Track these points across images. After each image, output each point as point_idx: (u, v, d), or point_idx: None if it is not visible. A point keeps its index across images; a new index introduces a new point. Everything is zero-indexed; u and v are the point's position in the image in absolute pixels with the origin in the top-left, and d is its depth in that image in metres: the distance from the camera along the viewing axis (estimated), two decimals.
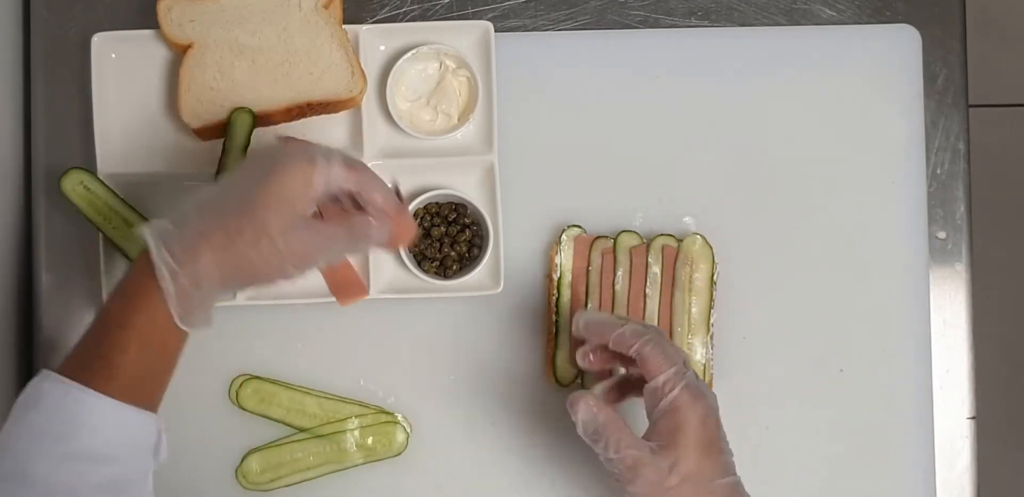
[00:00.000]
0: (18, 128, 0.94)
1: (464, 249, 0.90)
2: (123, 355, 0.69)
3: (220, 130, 0.88)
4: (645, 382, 0.77)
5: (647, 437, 0.76)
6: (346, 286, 0.89)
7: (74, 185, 0.87)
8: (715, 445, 0.76)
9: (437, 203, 0.91)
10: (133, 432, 0.70)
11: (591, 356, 0.81)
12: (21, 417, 0.68)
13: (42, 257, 0.92)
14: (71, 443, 0.67)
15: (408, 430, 0.91)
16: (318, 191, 0.70)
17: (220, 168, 0.88)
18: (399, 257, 0.90)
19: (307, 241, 0.70)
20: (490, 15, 0.94)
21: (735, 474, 0.77)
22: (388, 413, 0.91)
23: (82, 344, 0.71)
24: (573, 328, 0.81)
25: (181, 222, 0.70)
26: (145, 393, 0.71)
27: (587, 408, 0.77)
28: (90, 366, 0.69)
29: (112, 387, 0.69)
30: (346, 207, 0.74)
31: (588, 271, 0.91)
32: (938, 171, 0.95)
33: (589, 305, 0.89)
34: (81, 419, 0.68)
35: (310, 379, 0.91)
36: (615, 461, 0.75)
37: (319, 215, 0.73)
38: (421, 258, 0.91)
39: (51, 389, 0.69)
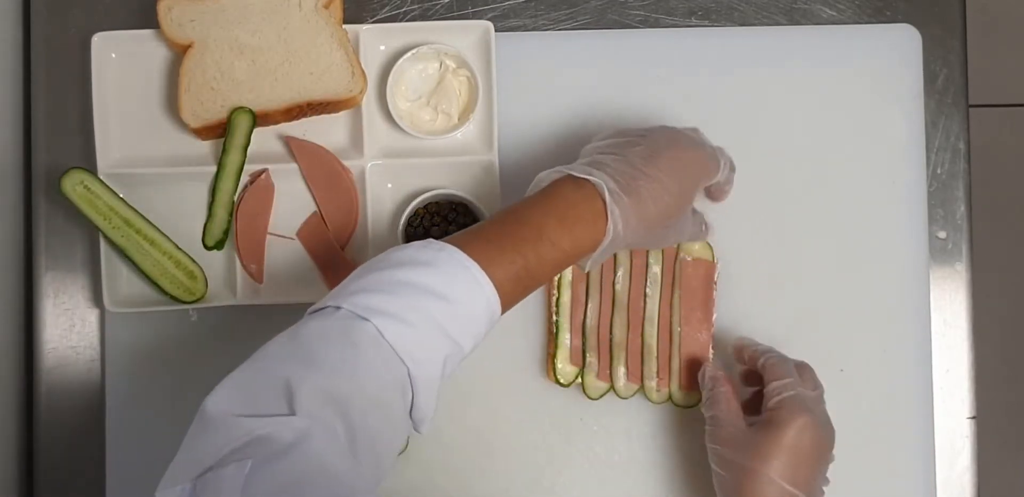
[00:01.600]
0: (18, 128, 0.94)
1: None
2: (530, 262, 0.73)
3: (220, 130, 0.88)
4: None
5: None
6: None
7: (74, 185, 0.87)
8: (802, 457, 0.79)
9: (437, 203, 0.91)
10: (486, 312, 0.72)
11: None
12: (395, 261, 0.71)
13: (42, 257, 0.92)
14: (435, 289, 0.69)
15: None
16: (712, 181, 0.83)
17: (219, 169, 0.88)
18: None
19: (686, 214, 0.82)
20: (490, 15, 0.94)
21: (808, 495, 0.79)
22: None
23: (495, 234, 0.74)
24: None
25: (619, 175, 0.76)
26: (508, 299, 0.73)
27: (715, 369, 0.87)
28: (496, 258, 0.72)
29: (499, 278, 0.71)
30: None
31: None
32: (938, 171, 0.95)
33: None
34: (458, 280, 0.70)
35: None
36: (712, 416, 0.83)
37: None
38: None
39: (449, 252, 0.71)
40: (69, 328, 0.92)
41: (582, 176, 0.76)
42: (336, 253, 0.90)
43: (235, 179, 0.88)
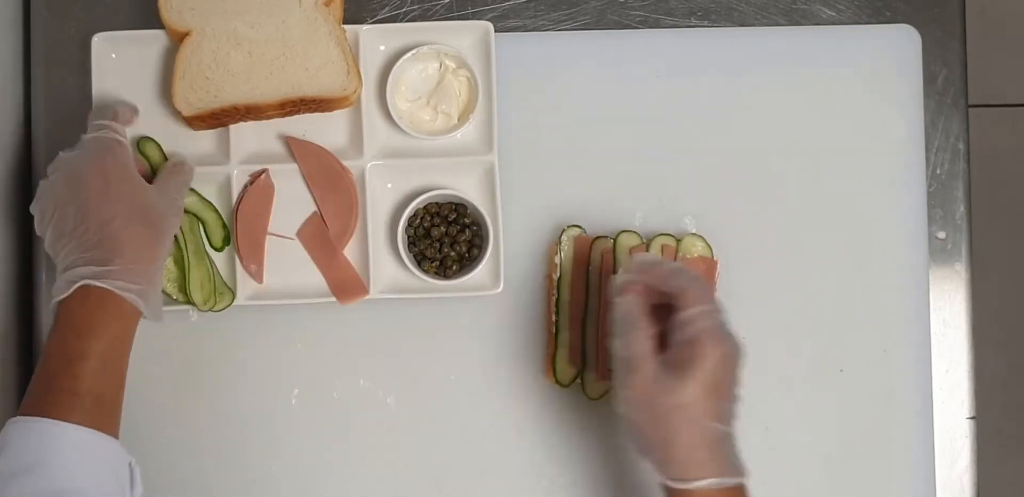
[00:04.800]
0: (18, 128, 0.94)
1: (464, 249, 0.90)
2: (84, 383, 0.73)
3: (212, 120, 0.88)
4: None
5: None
6: (346, 286, 0.90)
7: None
8: (721, 389, 0.74)
9: (437, 203, 0.91)
10: (104, 459, 0.73)
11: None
12: None
13: (42, 257, 0.92)
14: (43, 479, 0.69)
15: None
16: (130, 157, 0.83)
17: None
18: (399, 257, 0.90)
19: (166, 193, 0.83)
20: (490, 15, 0.94)
21: (730, 426, 0.75)
22: None
23: (38, 383, 0.74)
24: (619, 274, 0.80)
25: (87, 260, 0.77)
26: (107, 419, 0.74)
27: (635, 296, 0.77)
28: (54, 400, 0.72)
29: (77, 416, 0.72)
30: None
31: (588, 271, 0.91)
32: (938, 171, 0.95)
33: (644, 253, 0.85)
34: (50, 451, 0.70)
35: (310, 379, 0.91)
36: (623, 358, 0.75)
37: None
38: (421, 258, 0.91)
39: (16, 429, 0.71)
40: None
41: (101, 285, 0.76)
42: (336, 253, 0.90)
43: (192, 192, 0.89)
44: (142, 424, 0.90)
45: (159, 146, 0.90)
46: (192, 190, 0.89)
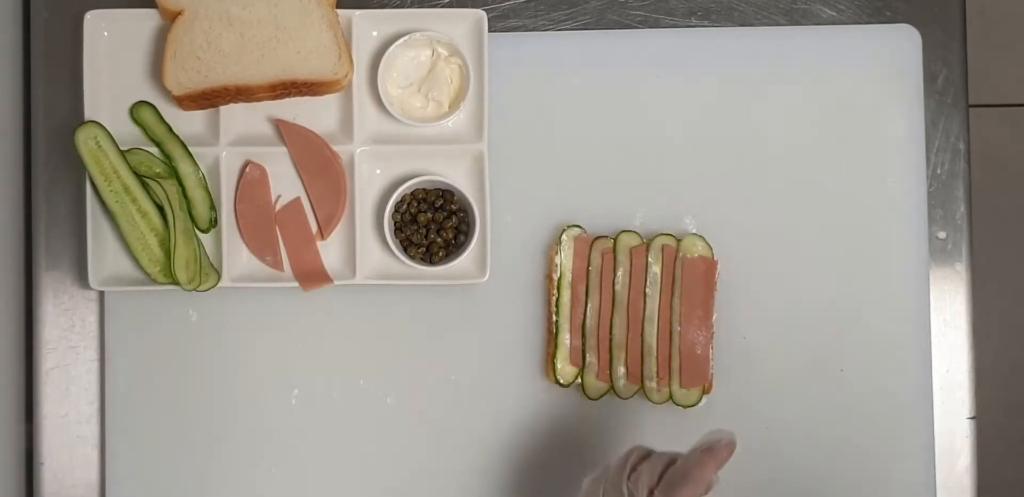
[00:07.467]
0: (18, 108, 0.94)
1: (450, 236, 0.90)
2: None
3: (202, 100, 0.88)
4: None
5: None
6: (310, 275, 0.90)
7: (87, 139, 0.87)
8: None
9: (424, 189, 0.91)
10: None
11: None
12: None
13: (42, 257, 0.92)
14: None
15: None
16: None
17: (169, 159, 0.89)
18: (386, 243, 0.90)
19: None
20: (490, 15, 0.94)
21: None
22: None
23: None
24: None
25: None
26: None
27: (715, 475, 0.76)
28: None
29: None
30: None
31: (588, 271, 0.91)
32: (938, 171, 0.95)
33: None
34: None
35: (309, 379, 0.91)
36: None
37: None
38: (407, 244, 0.91)
39: None
40: (69, 328, 0.92)
41: None
42: (309, 240, 0.90)
43: (190, 160, 0.89)
44: (141, 423, 0.91)
45: (155, 110, 0.90)
46: (186, 163, 0.89)
